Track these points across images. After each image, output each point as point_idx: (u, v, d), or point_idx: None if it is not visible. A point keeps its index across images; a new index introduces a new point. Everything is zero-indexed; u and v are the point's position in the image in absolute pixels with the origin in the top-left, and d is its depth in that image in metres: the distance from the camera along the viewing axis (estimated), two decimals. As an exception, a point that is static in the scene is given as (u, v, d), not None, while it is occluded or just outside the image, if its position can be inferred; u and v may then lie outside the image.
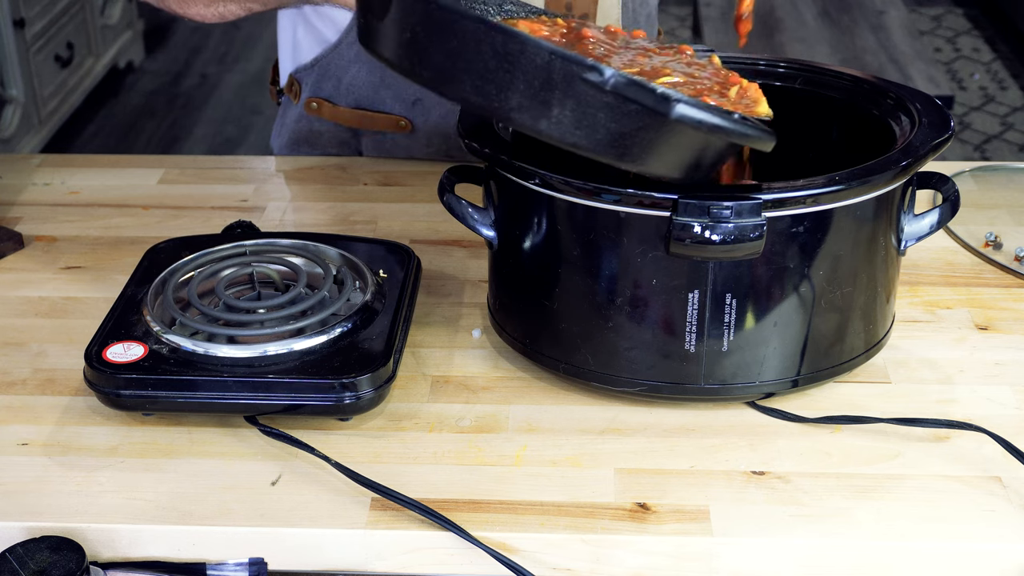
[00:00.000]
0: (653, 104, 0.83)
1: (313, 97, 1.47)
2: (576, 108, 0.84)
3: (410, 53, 0.88)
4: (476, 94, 0.85)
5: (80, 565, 0.85)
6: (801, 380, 1.02)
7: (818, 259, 0.97)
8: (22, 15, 3.30)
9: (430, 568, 0.92)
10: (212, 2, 1.26)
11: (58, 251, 1.30)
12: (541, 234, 1.00)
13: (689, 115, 0.84)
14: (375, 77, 1.44)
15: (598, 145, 0.86)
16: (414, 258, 1.16)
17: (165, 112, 3.95)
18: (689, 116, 0.84)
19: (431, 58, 0.86)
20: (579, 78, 0.83)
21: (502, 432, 1.01)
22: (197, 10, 1.27)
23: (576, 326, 1.01)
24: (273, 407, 0.99)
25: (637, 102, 0.83)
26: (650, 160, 0.87)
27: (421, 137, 1.47)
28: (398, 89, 1.44)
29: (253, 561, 0.92)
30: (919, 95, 1.09)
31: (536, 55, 0.83)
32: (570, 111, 0.84)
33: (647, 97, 0.83)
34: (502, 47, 0.83)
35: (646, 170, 0.89)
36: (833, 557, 0.91)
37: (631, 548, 0.91)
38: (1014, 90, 4.05)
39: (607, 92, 0.83)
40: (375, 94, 1.45)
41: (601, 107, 0.84)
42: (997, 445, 0.97)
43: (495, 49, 0.83)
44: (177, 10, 1.28)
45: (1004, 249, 1.28)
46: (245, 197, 1.41)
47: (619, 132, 0.85)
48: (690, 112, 0.84)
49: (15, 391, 1.07)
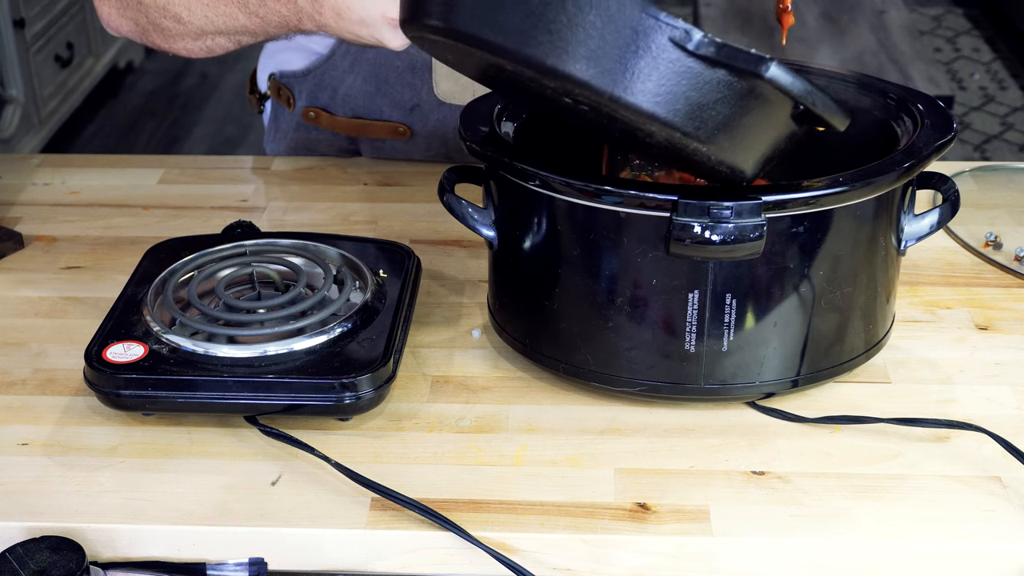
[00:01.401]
0: (745, 64, 0.81)
1: (310, 107, 1.47)
2: (657, 72, 0.80)
3: (483, 12, 0.84)
4: (552, 55, 0.81)
5: (80, 565, 0.85)
6: (801, 380, 1.02)
7: (818, 259, 0.97)
8: (22, 15, 3.30)
9: (430, 568, 0.92)
10: (199, 37, 1.19)
11: (58, 251, 1.30)
12: (541, 234, 1.00)
13: (781, 76, 0.81)
14: (371, 86, 1.44)
15: (676, 116, 0.83)
16: (414, 258, 1.16)
17: (165, 112, 3.95)
18: (781, 77, 0.81)
19: (506, 17, 0.82)
20: (667, 39, 0.79)
21: (502, 432, 1.01)
22: (184, 44, 1.20)
23: (576, 326, 1.01)
24: (273, 407, 0.99)
25: (727, 65, 0.81)
26: (721, 138, 0.85)
27: (420, 142, 1.47)
28: (395, 96, 1.44)
29: (253, 561, 0.92)
30: (921, 96, 1.09)
31: (624, 8, 0.79)
32: (653, 78, 0.81)
33: (739, 58, 0.80)
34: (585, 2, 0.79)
35: (713, 153, 0.86)
36: (833, 557, 0.91)
37: (631, 548, 0.91)
38: (1014, 90, 4.05)
39: (695, 56, 0.80)
40: (371, 103, 1.45)
41: (684, 73, 0.81)
42: (997, 445, 0.97)
43: (577, 4, 0.80)
44: (163, 45, 1.22)
45: (1004, 249, 1.28)
46: (245, 197, 1.41)
47: (699, 103, 0.82)
48: (782, 74, 0.81)
49: (15, 391, 1.07)
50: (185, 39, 1.19)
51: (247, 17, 1.15)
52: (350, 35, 1.09)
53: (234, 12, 1.15)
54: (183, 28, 1.18)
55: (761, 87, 0.84)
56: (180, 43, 1.20)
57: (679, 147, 0.87)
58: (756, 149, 0.89)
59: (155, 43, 1.22)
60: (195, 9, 1.16)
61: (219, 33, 1.18)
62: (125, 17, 1.21)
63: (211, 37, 1.19)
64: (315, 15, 1.10)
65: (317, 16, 1.10)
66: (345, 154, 1.51)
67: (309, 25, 1.12)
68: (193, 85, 4.14)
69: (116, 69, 4.04)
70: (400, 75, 1.43)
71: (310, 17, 1.10)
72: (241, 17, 1.15)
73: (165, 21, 1.18)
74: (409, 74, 1.42)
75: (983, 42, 4.44)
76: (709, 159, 0.88)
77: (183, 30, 1.18)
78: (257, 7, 1.13)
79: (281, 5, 1.12)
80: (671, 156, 0.93)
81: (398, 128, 1.45)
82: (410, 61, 1.41)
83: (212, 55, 1.21)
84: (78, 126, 3.77)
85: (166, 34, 1.20)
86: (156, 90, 4.11)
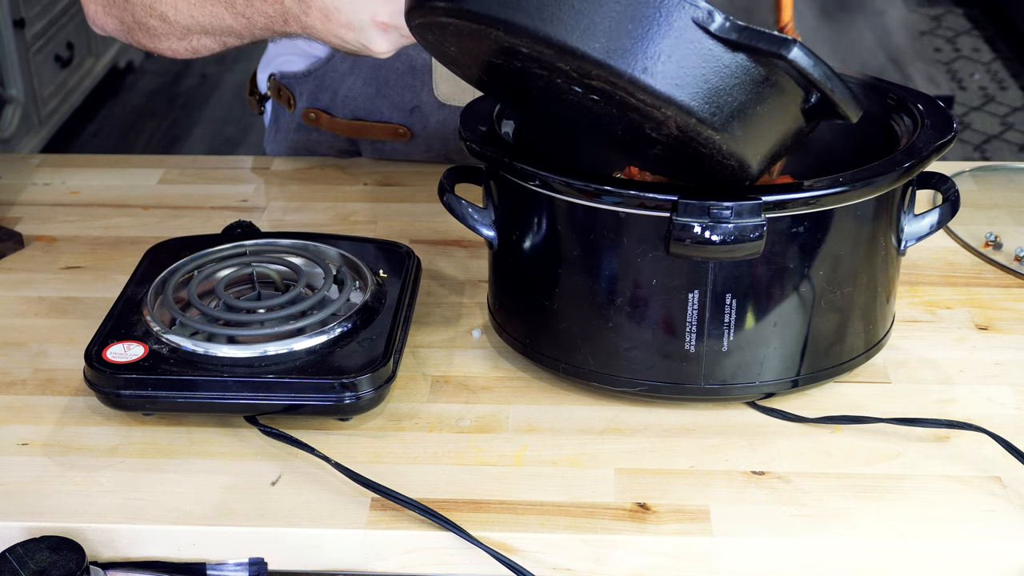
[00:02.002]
0: (768, 46, 0.81)
1: (311, 108, 1.47)
2: (678, 54, 0.80)
3: None
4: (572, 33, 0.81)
5: (80, 565, 0.85)
6: (801, 380, 1.02)
7: (818, 259, 0.97)
8: (22, 15, 3.30)
9: (430, 568, 0.92)
10: (185, 36, 1.18)
11: (58, 251, 1.30)
12: (541, 234, 1.00)
13: (803, 59, 0.81)
14: (371, 88, 1.44)
15: (694, 100, 0.82)
16: (414, 258, 1.16)
17: (165, 112, 3.95)
18: (803, 60, 0.81)
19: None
20: (690, 19, 0.79)
21: (502, 432, 1.01)
22: (169, 44, 1.19)
23: (576, 326, 1.01)
24: (273, 407, 0.99)
25: (749, 48, 0.81)
26: (734, 126, 0.85)
27: (420, 143, 1.47)
28: (395, 98, 1.44)
29: (253, 561, 0.92)
30: (921, 96, 1.09)
31: None
32: (674, 59, 0.80)
33: (763, 39, 0.80)
34: None
35: (725, 142, 0.86)
36: (833, 557, 0.91)
37: (631, 548, 0.91)
38: (1014, 90, 4.05)
39: (716, 38, 0.80)
40: (371, 104, 1.45)
41: (704, 55, 0.81)
42: (997, 445, 0.97)
43: None
44: (149, 46, 1.20)
45: (1004, 249, 1.28)
46: (245, 197, 1.41)
47: (716, 87, 0.82)
48: (804, 56, 0.81)
49: (15, 391, 1.07)
50: (170, 39, 1.19)
51: (233, 17, 1.14)
52: (335, 39, 1.08)
53: (220, 12, 1.14)
54: (169, 27, 1.17)
55: (777, 76, 0.84)
56: (165, 43, 1.19)
57: (690, 136, 0.87)
58: (765, 143, 0.89)
59: (140, 42, 1.21)
60: (181, 8, 1.15)
61: (204, 33, 1.17)
62: (111, 15, 1.21)
63: (196, 37, 1.18)
64: (301, 16, 1.09)
65: (303, 17, 1.09)
66: (345, 155, 1.52)
67: (295, 27, 1.11)
68: (193, 85, 4.14)
69: (116, 69, 4.04)
70: (400, 77, 1.43)
71: (296, 19, 1.09)
72: (227, 17, 1.14)
73: (151, 20, 1.18)
74: (409, 75, 1.42)
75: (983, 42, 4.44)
76: (720, 150, 0.88)
77: (169, 29, 1.18)
78: (244, 7, 1.13)
79: (268, 5, 1.11)
80: (674, 155, 0.93)
81: (398, 130, 1.45)
82: (410, 63, 1.41)
83: (197, 56, 1.21)
84: (78, 126, 3.77)
85: (151, 33, 1.19)
86: (156, 90, 4.11)
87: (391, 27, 1.05)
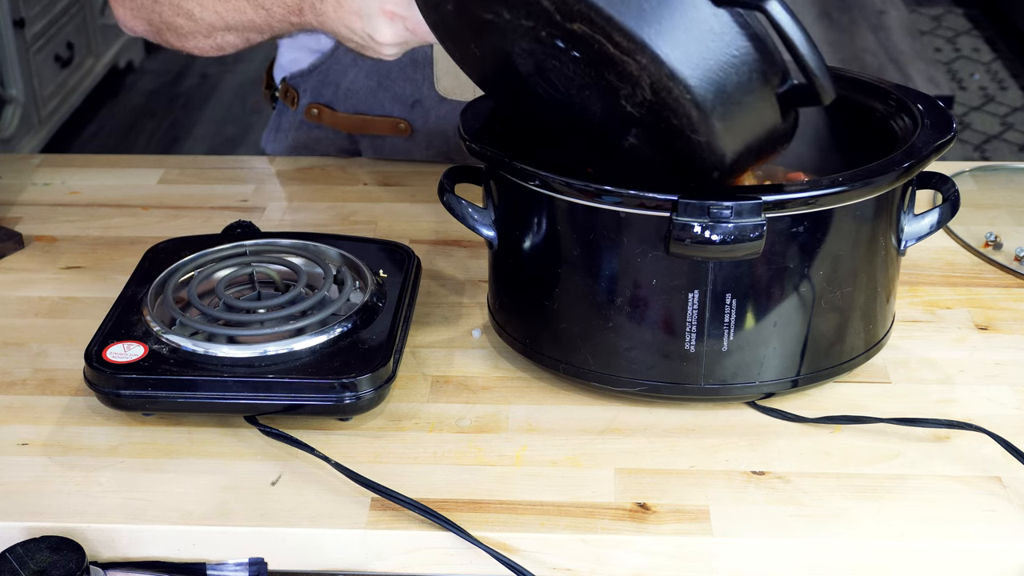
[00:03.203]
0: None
1: (314, 103, 1.48)
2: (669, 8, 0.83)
3: None
4: None
5: (80, 565, 0.85)
6: (801, 380, 1.02)
7: (818, 259, 0.97)
8: (22, 15, 3.30)
9: (430, 568, 0.92)
10: (210, 34, 1.22)
11: (58, 251, 1.30)
12: (541, 234, 1.00)
13: (781, 15, 0.84)
14: (372, 81, 1.45)
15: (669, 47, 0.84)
16: (414, 258, 1.16)
17: (165, 112, 3.95)
18: (780, 15, 0.84)
19: None
20: None
21: (502, 432, 1.02)
22: (196, 43, 1.23)
23: (576, 326, 1.01)
24: (273, 407, 0.99)
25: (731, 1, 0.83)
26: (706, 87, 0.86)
27: (420, 140, 1.47)
28: (396, 91, 1.45)
29: (253, 561, 0.92)
30: (920, 96, 1.09)
31: None
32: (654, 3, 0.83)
33: None
34: None
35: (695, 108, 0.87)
36: (833, 557, 0.91)
37: (631, 548, 0.91)
38: (1014, 90, 4.05)
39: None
40: (373, 98, 1.45)
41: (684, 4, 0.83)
42: (997, 445, 0.97)
43: None
44: (176, 44, 1.25)
45: (1004, 249, 1.28)
46: (245, 197, 1.41)
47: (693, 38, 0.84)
48: (783, 13, 0.84)
49: (15, 391, 1.07)
50: (197, 37, 1.22)
51: (255, 11, 1.17)
52: (344, 29, 1.10)
53: (243, 6, 1.18)
54: (195, 25, 1.21)
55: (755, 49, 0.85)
56: (192, 41, 1.23)
57: (662, 98, 0.87)
58: (737, 122, 0.88)
59: (168, 42, 1.25)
60: (206, 4, 1.19)
61: (228, 29, 1.21)
62: (139, 17, 1.25)
63: (221, 34, 1.21)
64: (316, 3, 1.11)
65: (318, 3, 1.11)
66: (345, 154, 1.52)
67: (309, 16, 1.13)
68: (193, 85, 4.14)
69: (116, 69, 4.04)
70: (402, 70, 1.43)
71: (311, 6, 1.12)
72: (249, 11, 1.18)
73: (178, 19, 1.21)
74: (411, 69, 1.43)
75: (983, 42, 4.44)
76: (690, 118, 0.88)
77: (195, 27, 1.21)
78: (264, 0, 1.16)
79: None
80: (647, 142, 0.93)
81: (399, 124, 1.46)
82: (411, 56, 1.42)
83: (223, 53, 1.24)
84: (78, 126, 3.78)
85: (179, 32, 1.23)
86: (156, 90, 4.11)
87: (398, 16, 1.06)
